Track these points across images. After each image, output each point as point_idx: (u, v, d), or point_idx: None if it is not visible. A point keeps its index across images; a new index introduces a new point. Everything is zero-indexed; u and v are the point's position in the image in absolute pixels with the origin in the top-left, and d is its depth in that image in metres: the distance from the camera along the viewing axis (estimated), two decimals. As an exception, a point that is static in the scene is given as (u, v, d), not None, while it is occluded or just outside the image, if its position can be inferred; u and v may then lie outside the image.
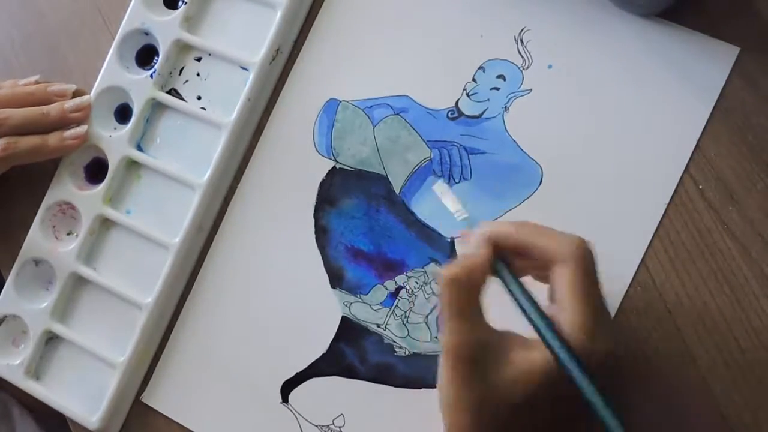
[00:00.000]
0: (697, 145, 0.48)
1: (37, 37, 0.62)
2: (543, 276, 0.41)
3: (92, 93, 0.57)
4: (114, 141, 0.56)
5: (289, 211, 0.54)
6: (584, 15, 0.50)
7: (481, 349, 0.38)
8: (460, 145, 0.52)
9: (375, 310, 0.52)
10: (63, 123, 0.56)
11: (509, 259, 0.40)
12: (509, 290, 0.39)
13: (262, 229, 0.55)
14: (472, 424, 0.38)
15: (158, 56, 0.56)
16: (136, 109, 0.56)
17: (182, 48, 0.57)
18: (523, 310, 0.38)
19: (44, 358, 0.57)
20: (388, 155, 0.53)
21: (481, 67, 0.52)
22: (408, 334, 0.51)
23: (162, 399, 0.55)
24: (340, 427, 0.52)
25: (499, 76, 0.52)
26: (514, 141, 0.51)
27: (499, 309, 0.40)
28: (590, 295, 0.38)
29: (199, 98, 0.56)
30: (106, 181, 0.56)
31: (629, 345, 0.47)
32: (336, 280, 0.53)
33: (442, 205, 0.46)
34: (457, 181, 0.51)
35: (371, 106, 0.54)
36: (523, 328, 0.39)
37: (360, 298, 0.52)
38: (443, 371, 0.39)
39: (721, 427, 0.46)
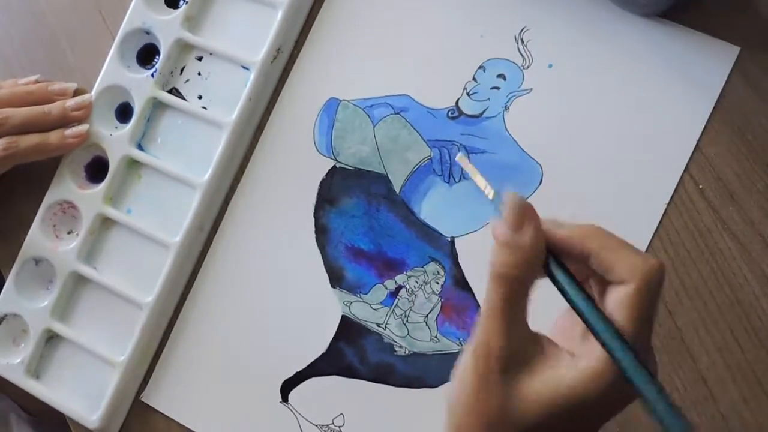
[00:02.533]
0: (697, 145, 0.48)
1: (37, 37, 0.62)
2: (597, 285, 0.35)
3: (93, 92, 0.57)
4: (115, 140, 0.56)
5: (289, 211, 0.54)
6: (584, 15, 0.50)
7: (513, 356, 0.33)
8: (461, 144, 0.52)
9: (375, 310, 0.52)
10: (64, 122, 0.56)
11: (561, 260, 0.34)
12: (565, 294, 0.33)
13: (262, 228, 0.55)
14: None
15: (159, 55, 0.56)
16: (137, 109, 0.56)
17: (183, 47, 0.57)
18: (583, 317, 0.32)
19: (44, 357, 0.57)
20: (388, 154, 0.53)
21: (481, 67, 0.52)
22: (408, 334, 0.51)
23: (162, 398, 0.55)
24: (339, 427, 0.52)
25: (499, 76, 0.52)
26: (515, 140, 0.51)
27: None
28: (645, 325, 0.32)
29: (200, 97, 0.56)
30: (106, 181, 0.56)
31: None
32: (336, 279, 0.53)
33: (469, 177, 0.41)
34: (457, 180, 0.51)
35: (371, 106, 0.54)
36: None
37: (360, 297, 0.52)
38: (466, 371, 0.34)
39: (721, 427, 0.46)
